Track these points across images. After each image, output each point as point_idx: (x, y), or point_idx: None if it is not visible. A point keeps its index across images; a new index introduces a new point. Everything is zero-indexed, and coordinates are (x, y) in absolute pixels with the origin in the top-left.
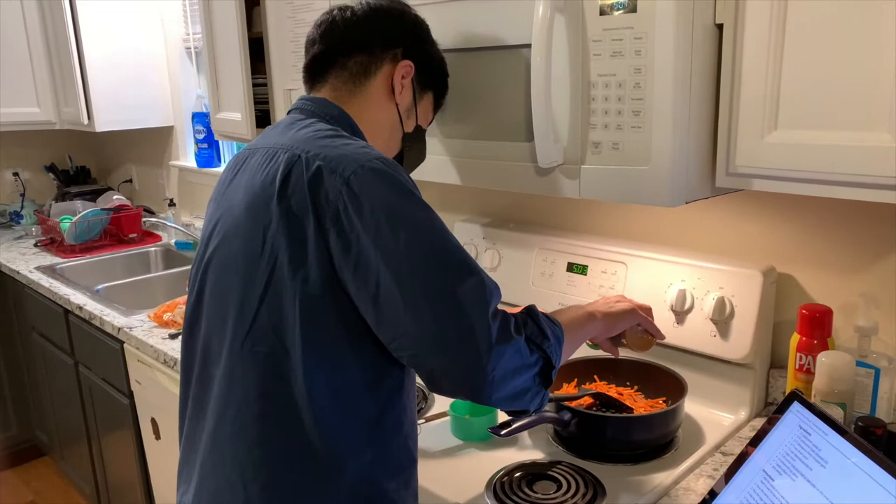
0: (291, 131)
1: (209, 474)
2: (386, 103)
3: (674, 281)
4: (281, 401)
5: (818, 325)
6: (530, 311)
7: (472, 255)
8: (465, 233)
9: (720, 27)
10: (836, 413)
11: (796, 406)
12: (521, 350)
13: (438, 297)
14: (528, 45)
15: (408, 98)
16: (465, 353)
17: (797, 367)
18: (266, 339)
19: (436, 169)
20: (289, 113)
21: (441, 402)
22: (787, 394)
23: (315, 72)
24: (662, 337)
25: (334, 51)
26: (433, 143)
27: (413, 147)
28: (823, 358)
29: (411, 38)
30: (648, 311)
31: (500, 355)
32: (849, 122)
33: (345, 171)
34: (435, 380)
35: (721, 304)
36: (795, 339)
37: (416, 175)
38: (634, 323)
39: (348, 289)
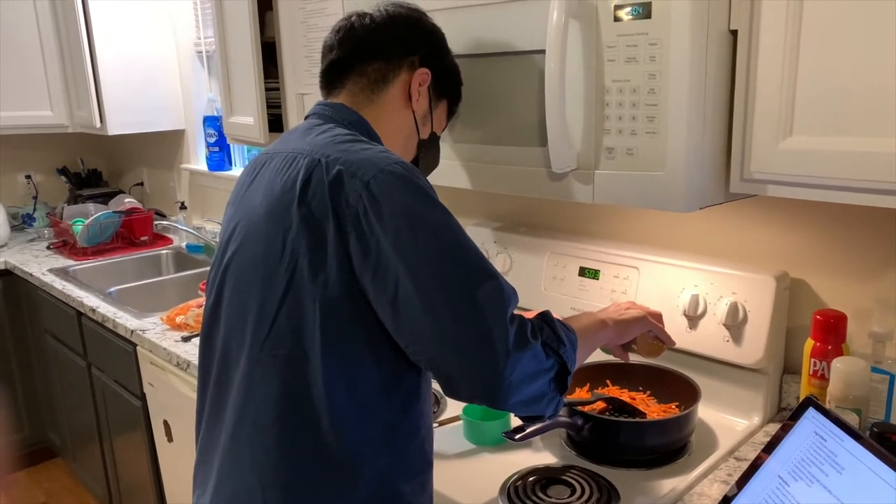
0: (310, 136)
1: (227, 477)
2: (403, 110)
3: (686, 286)
4: (300, 404)
5: (832, 330)
6: (545, 316)
7: None
8: (477, 237)
9: (735, 33)
10: (851, 419)
11: (811, 412)
12: (537, 355)
13: (457, 300)
14: (542, 51)
15: (424, 105)
16: (482, 357)
17: (811, 372)
18: (285, 342)
19: (448, 173)
20: (306, 118)
21: (454, 406)
22: (801, 399)
23: (332, 77)
24: (673, 343)
25: (352, 57)
26: (446, 148)
27: (428, 153)
28: (838, 364)
29: (428, 45)
30: (659, 317)
31: (518, 360)
32: (864, 128)
33: (365, 175)
34: (452, 384)
35: (734, 309)
36: (809, 344)
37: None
38: (645, 330)
39: (367, 292)
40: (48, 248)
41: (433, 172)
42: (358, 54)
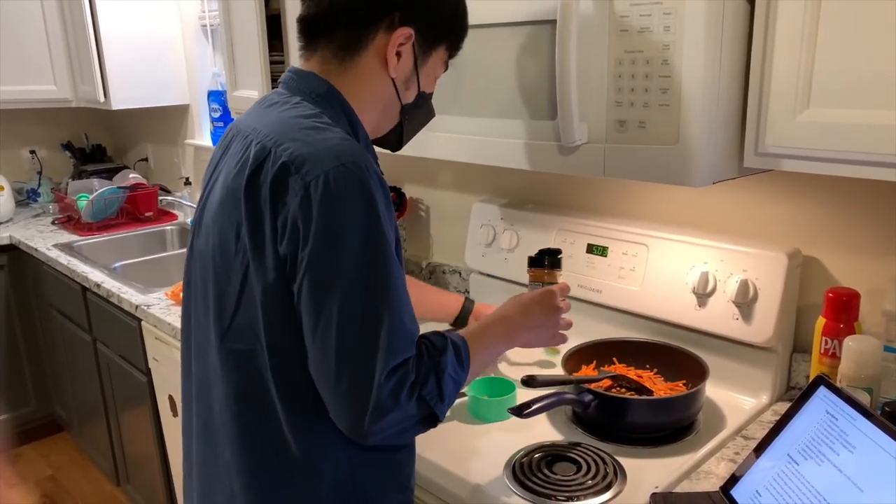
0: (273, 112)
1: (202, 464)
2: (380, 78)
3: (696, 263)
4: (259, 399)
5: (845, 308)
6: (441, 360)
7: (490, 236)
8: (484, 214)
9: (752, 2)
10: (863, 398)
11: (823, 391)
12: (405, 410)
13: (346, 338)
14: (553, 21)
15: (407, 67)
16: (350, 402)
17: (822, 351)
18: (245, 337)
19: (455, 148)
20: (280, 83)
21: None
22: (811, 378)
23: (305, 33)
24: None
25: (322, 16)
26: (452, 121)
27: (413, 117)
28: (850, 342)
29: None
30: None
31: (382, 416)
32: (886, 101)
33: (308, 175)
34: (324, 401)
35: (744, 286)
36: (821, 322)
37: (435, 154)
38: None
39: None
40: (53, 223)
41: (439, 147)
42: (327, 15)
